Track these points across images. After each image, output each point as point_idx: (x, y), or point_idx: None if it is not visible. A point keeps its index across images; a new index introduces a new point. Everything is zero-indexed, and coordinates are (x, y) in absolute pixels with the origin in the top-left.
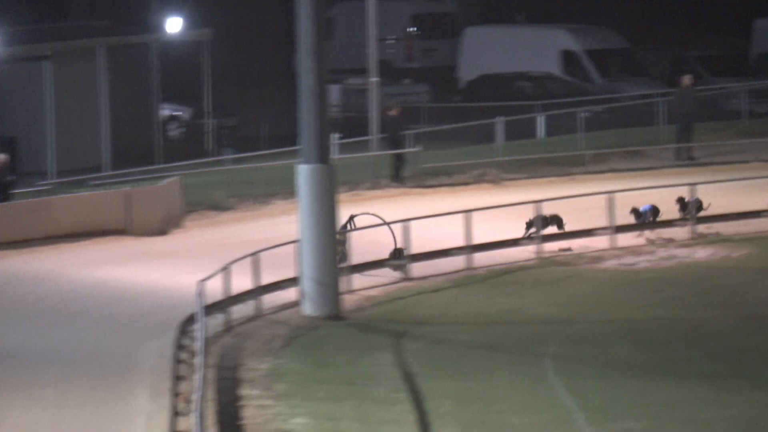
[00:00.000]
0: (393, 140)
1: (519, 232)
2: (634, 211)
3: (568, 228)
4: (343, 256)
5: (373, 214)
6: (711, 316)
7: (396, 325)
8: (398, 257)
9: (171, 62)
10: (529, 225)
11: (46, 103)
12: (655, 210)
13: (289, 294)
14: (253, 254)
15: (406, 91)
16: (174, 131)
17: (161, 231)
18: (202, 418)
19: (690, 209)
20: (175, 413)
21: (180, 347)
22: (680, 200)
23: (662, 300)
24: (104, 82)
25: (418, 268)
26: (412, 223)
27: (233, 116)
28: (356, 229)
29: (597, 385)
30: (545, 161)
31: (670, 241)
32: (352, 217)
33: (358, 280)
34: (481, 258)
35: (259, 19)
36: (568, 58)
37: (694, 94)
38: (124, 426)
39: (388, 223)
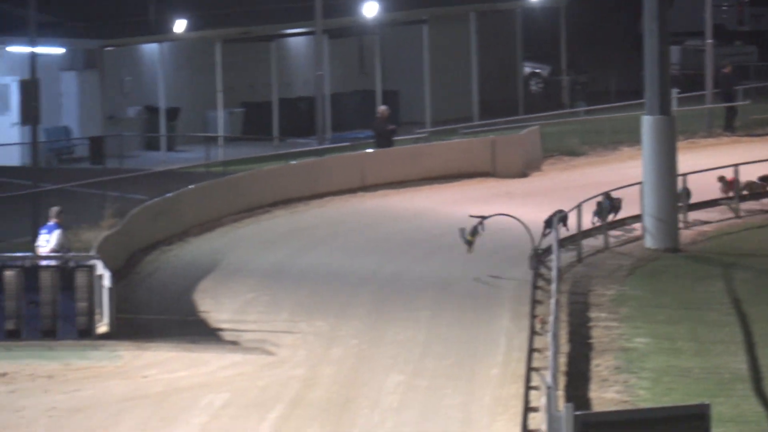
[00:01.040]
0: (725, 94)
1: None
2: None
3: None
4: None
5: (507, 215)
6: None
7: (726, 257)
8: (536, 257)
9: (532, 25)
10: None
11: (423, 61)
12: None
13: (633, 229)
14: (602, 194)
15: (737, 51)
16: (534, 86)
17: (522, 174)
18: (556, 337)
19: None
20: (533, 333)
21: (537, 275)
22: None
23: None
24: (474, 42)
25: (746, 206)
26: (742, 167)
27: (585, 73)
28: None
29: None
30: None
31: None
32: (483, 218)
33: (693, 217)
34: None
35: None
36: None
37: None
38: (488, 344)
39: (527, 226)
